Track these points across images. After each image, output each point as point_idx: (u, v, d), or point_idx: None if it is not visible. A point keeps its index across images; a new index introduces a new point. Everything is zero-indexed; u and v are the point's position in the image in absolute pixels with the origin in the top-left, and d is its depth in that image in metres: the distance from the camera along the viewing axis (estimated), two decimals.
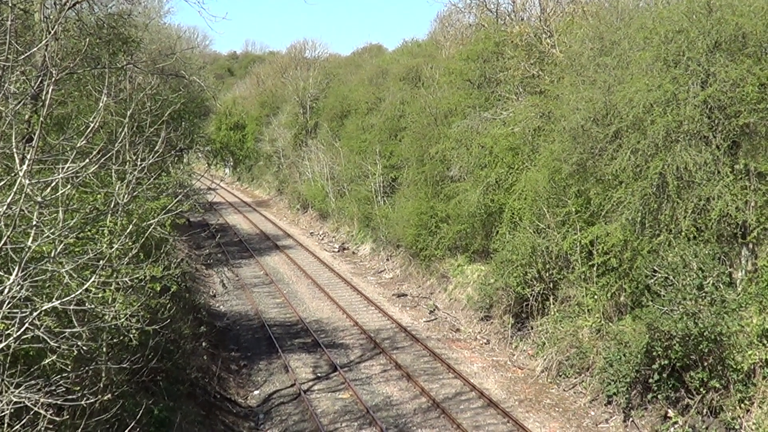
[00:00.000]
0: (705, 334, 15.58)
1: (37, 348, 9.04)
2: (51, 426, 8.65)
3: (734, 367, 15.84)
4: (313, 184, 52.01)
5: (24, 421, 8.22)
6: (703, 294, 16.12)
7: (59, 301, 8.00)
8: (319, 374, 22.68)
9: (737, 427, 15.66)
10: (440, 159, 30.55)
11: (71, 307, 8.51)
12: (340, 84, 57.10)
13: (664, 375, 17.15)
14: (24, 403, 7.83)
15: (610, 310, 20.61)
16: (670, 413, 17.10)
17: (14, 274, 7.47)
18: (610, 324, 20.15)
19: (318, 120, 58.17)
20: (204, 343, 22.73)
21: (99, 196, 12.80)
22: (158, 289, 13.89)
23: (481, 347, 25.17)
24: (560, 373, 21.37)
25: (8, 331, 7.72)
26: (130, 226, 10.97)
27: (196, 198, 32.76)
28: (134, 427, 10.86)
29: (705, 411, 16.42)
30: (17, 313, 7.62)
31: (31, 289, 7.98)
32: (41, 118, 8.13)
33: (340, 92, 53.42)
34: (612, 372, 18.38)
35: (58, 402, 8.44)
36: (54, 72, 8.85)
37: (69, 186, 8.36)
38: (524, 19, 30.38)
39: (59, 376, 8.98)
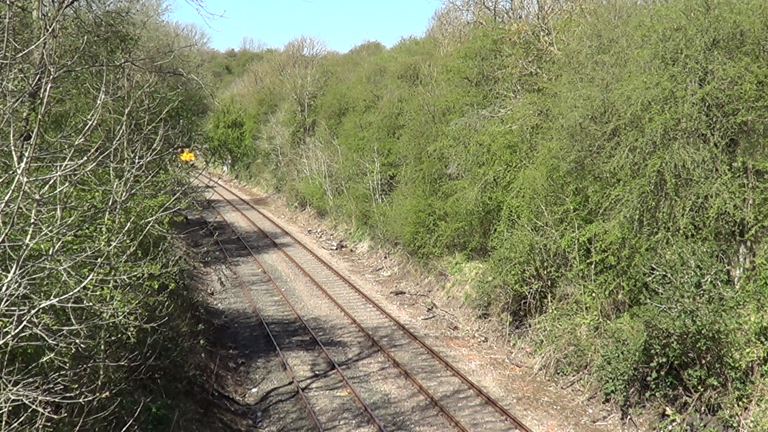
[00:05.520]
0: (703, 331, 15.60)
1: (35, 346, 9.03)
2: (49, 424, 8.65)
3: (732, 364, 15.86)
4: (311, 181, 51.99)
5: (22, 418, 8.21)
6: (701, 292, 16.13)
7: (57, 299, 7.99)
8: (317, 372, 22.68)
9: (735, 424, 15.68)
10: (438, 157, 30.54)
11: (69, 305, 8.50)
12: (338, 82, 57.09)
13: (662, 373, 17.17)
14: (22, 400, 7.83)
15: (608, 308, 20.64)
16: (668, 411, 17.12)
17: (12, 271, 7.46)
18: (608, 322, 20.18)
19: (316, 118, 58.14)
20: (202, 341, 22.72)
21: (97, 193, 12.80)
22: (156, 286, 13.91)
23: (479, 345, 25.18)
24: (558, 371, 21.39)
25: (6, 329, 7.71)
26: (128, 224, 10.94)
27: (194, 196, 32.75)
28: (132, 424, 10.85)
29: (703, 409, 16.45)
30: (15, 310, 7.61)
31: (29, 287, 7.97)
32: (39, 116, 8.12)
33: (338, 90, 53.38)
34: (610, 370, 18.42)
35: (56, 400, 8.43)
36: (52, 70, 8.83)
37: (67, 184, 8.35)
38: (522, 17, 30.42)
39: (57, 374, 8.98)
